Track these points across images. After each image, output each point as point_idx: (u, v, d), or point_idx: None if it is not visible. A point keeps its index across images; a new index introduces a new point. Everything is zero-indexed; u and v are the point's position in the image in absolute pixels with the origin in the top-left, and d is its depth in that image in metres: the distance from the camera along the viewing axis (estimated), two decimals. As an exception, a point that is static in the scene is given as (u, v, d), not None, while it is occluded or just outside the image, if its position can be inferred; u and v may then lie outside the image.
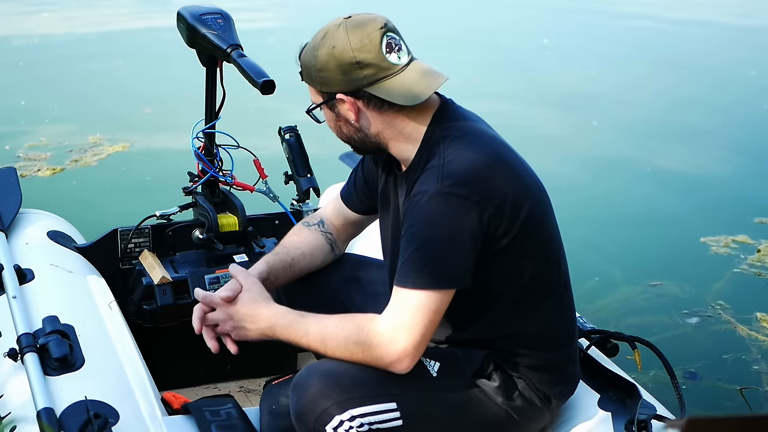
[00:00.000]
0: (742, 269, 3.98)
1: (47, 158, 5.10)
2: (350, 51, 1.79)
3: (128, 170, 5.01)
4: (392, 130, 1.86)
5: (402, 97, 1.81)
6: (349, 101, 1.83)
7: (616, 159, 5.50)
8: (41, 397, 1.82)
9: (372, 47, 1.80)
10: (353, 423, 1.75)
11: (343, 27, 1.82)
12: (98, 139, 5.40)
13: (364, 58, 1.80)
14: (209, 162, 2.61)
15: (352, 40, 1.80)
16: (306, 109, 1.93)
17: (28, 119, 5.84)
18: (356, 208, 2.16)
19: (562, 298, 1.93)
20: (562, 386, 1.94)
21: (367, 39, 1.80)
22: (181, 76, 5.21)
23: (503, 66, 7.50)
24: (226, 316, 1.91)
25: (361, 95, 1.82)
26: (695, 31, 9.04)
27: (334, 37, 1.81)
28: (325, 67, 1.82)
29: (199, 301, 1.94)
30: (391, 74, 1.82)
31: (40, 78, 6.83)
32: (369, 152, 1.97)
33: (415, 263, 1.74)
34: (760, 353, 3.32)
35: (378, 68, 1.81)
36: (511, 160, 1.84)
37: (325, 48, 1.82)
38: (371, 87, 1.81)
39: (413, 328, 1.73)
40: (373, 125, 1.86)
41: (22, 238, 2.56)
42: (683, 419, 0.91)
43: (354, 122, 1.86)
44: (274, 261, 2.08)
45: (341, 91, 1.83)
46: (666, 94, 6.88)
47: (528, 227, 1.80)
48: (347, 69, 1.80)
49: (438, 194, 1.74)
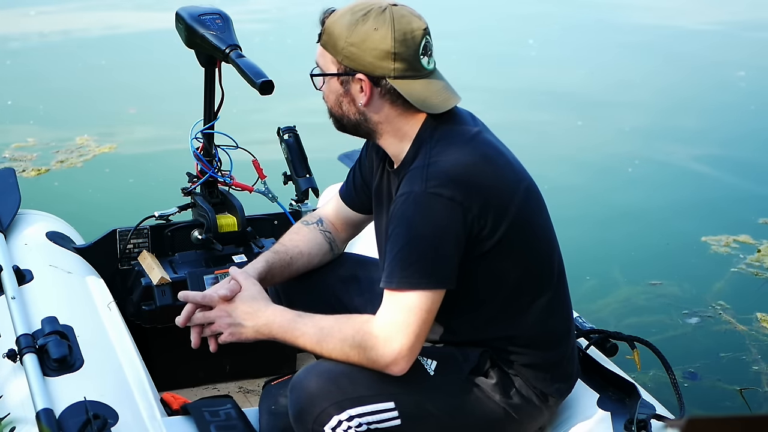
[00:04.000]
0: (742, 269, 3.98)
1: (33, 159, 5.08)
2: (391, 40, 1.79)
3: (122, 172, 4.99)
4: (393, 125, 1.86)
5: (420, 102, 1.82)
6: (368, 85, 1.82)
7: (616, 158, 5.50)
8: (40, 397, 1.82)
9: (412, 44, 1.80)
10: (351, 423, 1.75)
11: (389, 13, 1.80)
12: (86, 140, 5.38)
13: (402, 52, 1.80)
14: (208, 162, 2.61)
15: (396, 31, 1.79)
16: (312, 72, 1.90)
17: (15, 119, 5.83)
18: (356, 207, 2.15)
19: (557, 296, 1.93)
20: (560, 384, 1.93)
21: (410, 35, 1.80)
22: (180, 76, 5.23)
23: (497, 66, 7.50)
24: (223, 314, 1.90)
25: (381, 84, 1.82)
26: (695, 31, 9.04)
27: (378, 20, 1.79)
28: (360, 44, 1.80)
29: (198, 301, 1.93)
30: (418, 76, 1.83)
31: (28, 77, 6.83)
32: (354, 134, 1.94)
33: (400, 263, 1.74)
34: (760, 353, 3.32)
35: (409, 66, 1.81)
36: (496, 159, 1.84)
37: (365, 26, 1.79)
38: (396, 81, 1.81)
39: (406, 329, 1.73)
40: (377, 114, 1.85)
41: (21, 238, 2.56)
42: (683, 419, 0.91)
43: (362, 105, 1.84)
44: (273, 259, 2.08)
45: (365, 73, 1.81)
46: (666, 93, 6.88)
47: (515, 227, 1.80)
48: (381, 56, 1.79)
49: (422, 194, 1.74)
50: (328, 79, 1.87)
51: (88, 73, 6.98)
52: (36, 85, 6.63)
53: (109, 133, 5.52)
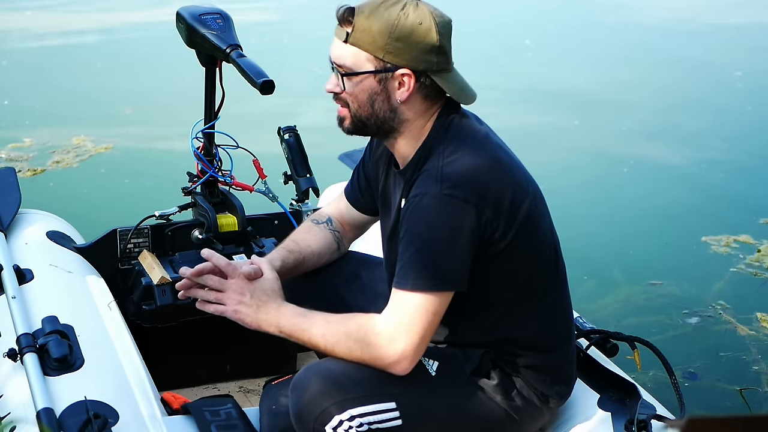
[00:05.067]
0: (742, 269, 3.98)
1: (29, 159, 5.08)
2: (436, 33, 1.78)
3: (119, 172, 4.99)
4: (418, 123, 1.84)
5: (457, 94, 1.83)
6: (411, 79, 1.79)
7: (612, 158, 5.50)
8: (41, 397, 1.82)
9: (449, 37, 1.82)
10: (353, 423, 1.76)
11: (425, 7, 1.80)
12: (82, 140, 5.37)
13: (444, 45, 1.80)
14: (208, 162, 2.61)
15: (439, 24, 1.79)
16: (344, 72, 1.82)
17: (11, 119, 5.83)
18: (362, 208, 2.15)
19: (560, 299, 1.93)
20: (560, 387, 1.94)
21: (447, 27, 1.81)
22: (178, 77, 5.22)
23: (494, 66, 7.50)
24: (238, 289, 1.87)
25: (422, 78, 1.81)
26: (691, 30, 9.04)
27: (418, 14, 1.78)
28: (406, 38, 1.77)
29: (220, 266, 1.89)
30: (449, 69, 1.84)
31: (25, 77, 6.82)
32: (373, 134, 1.91)
33: (415, 265, 1.74)
34: (760, 353, 3.32)
35: (447, 59, 1.82)
36: (508, 163, 1.84)
37: (409, 20, 1.77)
38: (436, 75, 1.81)
39: (412, 330, 1.73)
40: (410, 111, 1.83)
41: (22, 238, 2.56)
42: (683, 419, 0.91)
43: (400, 101, 1.81)
44: (287, 257, 2.06)
45: (411, 67, 1.79)
46: (665, 92, 6.88)
47: (525, 230, 1.80)
48: (427, 49, 1.78)
49: (437, 196, 1.73)
50: (361, 78, 1.82)
51: (85, 73, 6.98)
52: (33, 85, 6.64)
53: (105, 133, 5.52)
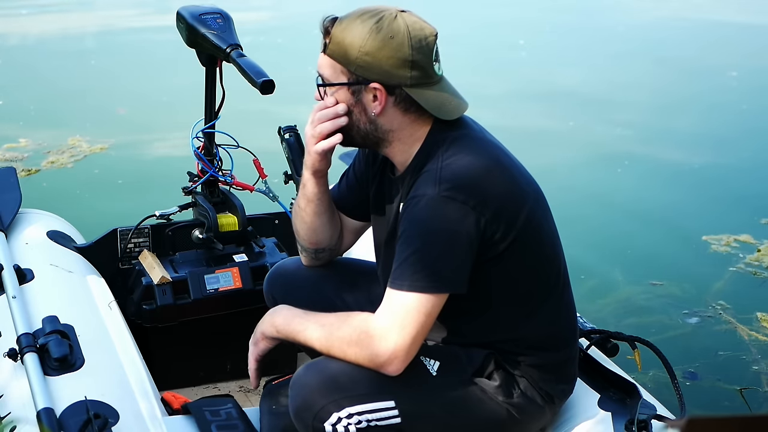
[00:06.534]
0: (742, 269, 3.98)
1: (24, 159, 5.07)
2: (408, 48, 1.76)
3: (115, 172, 4.99)
4: (405, 132, 1.83)
5: (436, 109, 1.80)
6: (383, 94, 1.79)
7: (609, 158, 5.50)
8: (41, 397, 1.82)
9: (427, 51, 1.78)
10: (351, 420, 1.76)
11: (402, 20, 1.78)
12: (77, 140, 5.37)
13: (419, 60, 1.77)
14: (209, 162, 2.61)
15: (413, 38, 1.77)
16: (321, 82, 1.84)
17: (6, 120, 5.82)
18: (353, 214, 2.12)
19: (562, 299, 1.93)
20: (564, 385, 1.94)
21: (425, 42, 1.78)
22: (176, 76, 5.22)
23: (489, 66, 7.50)
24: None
25: (396, 93, 1.79)
26: (686, 29, 9.05)
27: (392, 28, 1.76)
28: (375, 53, 1.76)
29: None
30: (431, 83, 1.81)
31: (20, 77, 6.81)
32: (360, 145, 1.92)
33: (411, 266, 1.73)
34: (760, 353, 3.32)
35: (424, 74, 1.79)
36: (508, 164, 1.84)
37: (381, 34, 1.76)
38: (412, 89, 1.79)
39: (404, 330, 1.73)
40: (389, 123, 1.82)
41: (22, 238, 2.56)
42: (683, 419, 0.91)
43: (375, 115, 1.81)
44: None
45: (380, 82, 1.78)
46: (665, 92, 6.88)
47: (525, 232, 1.80)
48: (398, 64, 1.77)
49: (436, 198, 1.73)
50: (336, 89, 1.83)
51: (81, 73, 6.98)
52: (27, 85, 6.63)
53: (101, 133, 5.52)
